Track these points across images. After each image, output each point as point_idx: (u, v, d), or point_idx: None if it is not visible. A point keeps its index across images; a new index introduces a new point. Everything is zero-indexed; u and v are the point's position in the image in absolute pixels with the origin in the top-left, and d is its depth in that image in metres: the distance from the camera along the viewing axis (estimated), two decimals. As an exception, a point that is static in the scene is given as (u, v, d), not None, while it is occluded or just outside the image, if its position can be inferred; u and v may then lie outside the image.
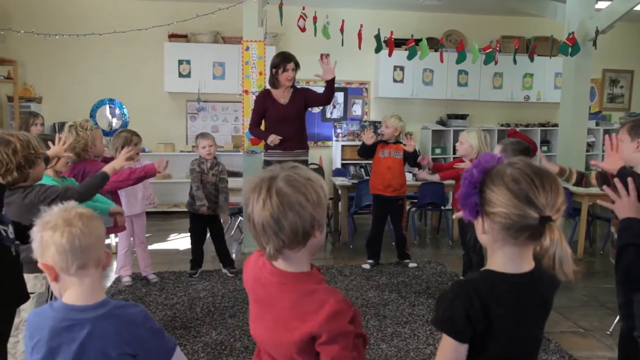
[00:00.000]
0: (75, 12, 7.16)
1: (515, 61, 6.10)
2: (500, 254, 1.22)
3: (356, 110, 8.05)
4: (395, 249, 5.13)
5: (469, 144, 4.18)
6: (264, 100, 4.61)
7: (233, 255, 5.01)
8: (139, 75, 7.38)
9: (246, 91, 5.33)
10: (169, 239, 6.07)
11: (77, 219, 1.32)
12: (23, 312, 2.28)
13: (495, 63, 6.04)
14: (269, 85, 4.66)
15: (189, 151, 7.15)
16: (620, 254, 1.56)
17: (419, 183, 5.88)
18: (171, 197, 7.25)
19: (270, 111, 4.59)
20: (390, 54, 5.80)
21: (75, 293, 1.36)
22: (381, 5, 7.60)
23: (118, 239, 4.30)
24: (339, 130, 7.71)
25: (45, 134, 4.58)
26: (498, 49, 6.04)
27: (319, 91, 4.71)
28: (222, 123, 7.75)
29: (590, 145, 8.00)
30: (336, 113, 7.95)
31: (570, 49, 5.78)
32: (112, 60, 7.30)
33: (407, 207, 5.51)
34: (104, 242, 1.42)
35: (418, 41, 5.85)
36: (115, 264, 4.44)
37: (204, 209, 4.37)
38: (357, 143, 7.48)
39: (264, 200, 1.15)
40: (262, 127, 4.70)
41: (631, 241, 1.54)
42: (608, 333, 3.54)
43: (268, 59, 4.92)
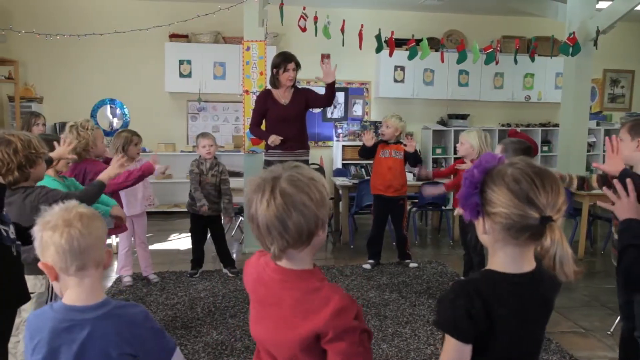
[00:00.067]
0: (76, 12, 7.16)
1: (516, 61, 6.09)
2: (501, 254, 1.22)
3: (357, 110, 8.05)
4: (396, 249, 5.14)
5: (469, 144, 4.17)
6: (264, 100, 4.61)
7: (234, 255, 5.02)
8: (140, 75, 7.38)
9: (247, 91, 5.33)
10: (169, 239, 6.07)
11: (77, 220, 1.32)
12: (24, 312, 2.28)
13: (496, 63, 6.03)
14: (269, 85, 4.66)
15: (190, 151, 7.15)
16: (621, 256, 1.56)
17: (420, 183, 5.87)
18: (172, 197, 7.26)
19: (271, 111, 4.58)
20: (390, 54, 5.79)
21: (75, 293, 1.36)
22: (382, 5, 7.60)
23: (119, 239, 4.31)
24: (339, 130, 7.71)
25: (46, 134, 4.58)
26: (499, 49, 6.04)
27: (320, 92, 4.71)
28: (223, 123, 7.75)
29: (591, 146, 7.99)
30: (337, 113, 7.95)
31: (571, 49, 5.77)
32: (113, 60, 7.30)
33: (408, 207, 5.51)
34: (105, 242, 1.41)
35: (419, 41, 5.84)
36: (116, 264, 4.44)
37: (205, 208, 4.37)
38: (358, 143, 7.49)
39: (268, 201, 1.15)
40: (263, 127, 4.71)
41: (631, 242, 1.54)
42: (609, 333, 3.54)
43: (269, 59, 4.92)
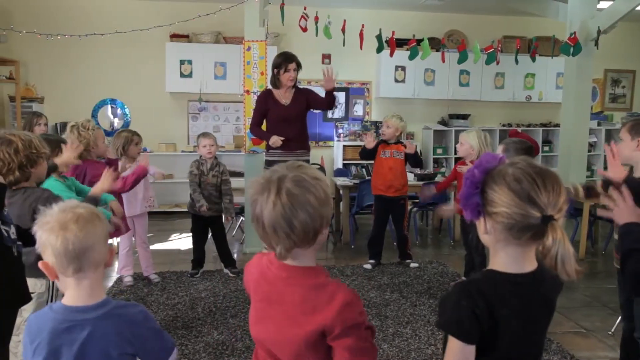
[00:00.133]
0: (77, 13, 7.17)
1: (517, 61, 6.09)
2: (502, 254, 1.22)
3: (358, 110, 8.05)
4: (396, 249, 5.14)
5: (469, 145, 4.17)
6: (265, 100, 4.61)
7: (234, 255, 5.01)
8: (141, 75, 7.39)
9: (247, 91, 5.33)
10: (170, 239, 6.07)
11: (73, 223, 1.30)
12: (24, 312, 2.28)
13: (497, 63, 6.03)
14: (270, 86, 4.66)
15: (191, 151, 7.16)
16: (625, 260, 1.56)
17: (421, 183, 5.87)
18: (172, 197, 7.26)
19: (271, 111, 4.58)
20: (391, 54, 5.80)
21: (74, 294, 1.36)
22: (382, 5, 7.60)
23: (120, 239, 4.31)
24: (340, 131, 7.71)
25: (48, 133, 4.59)
26: (500, 49, 6.05)
27: (319, 92, 4.71)
28: (224, 123, 7.75)
29: (592, 146, 7.98)
30: (338, 113, 7.94)
31: (572, 49, 5.77)
32: (114, 61, 7.31)
33: (409, 207, 5.51)
34: (106, 242, 1.39)
35: (419, 41, 5.84)
36: (116, 264, 4.44)
37: (204, 209, 4.36)
38: (359, 143, 7.49)
39: (274, 201, 1.15)
40: (264, 128, 4.71)
41: (634, 246, 1.54)
42: (610, 333, 3.53)
43: (269, 59, 4.92)
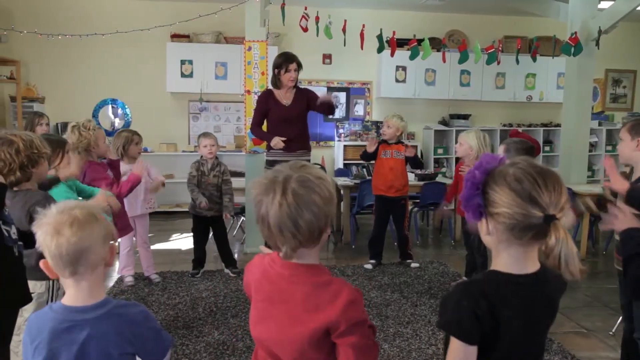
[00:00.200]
0: (77, 13, 7.17)
1: (517, 61, 6.09)
2: (504, 255, 1.22)
3: (358, 110, 8.05)
4: (397, 249, 5.14)
5: (468, 145, 4.19)
6: (266, 101, 4.60)
7: (235, 255, 5.01)
8: (142, 75, 7.39)
9: (248, 91, 5.33)
10: (171, 239, 6.08)
11: (67, 227, 1.29)
12: (25, 312, 2.28)
13: (498, 63, 6.03)
14: (271, 86, 4.65)
15: (191, 151, 7.16)
16: (627, 265, 1.57)
17: (421, 183, 5.88)
18: (173, 197, 7.26)
19: (272, 112, 4.57)
20: (392, 54, 5.80)
21: (74, 294, 1.36)
22: (383, 5, 7.60)
23: (121, 239, 4.31)
24: (341, 131, 7.71)
25: (49, 133, 4.59)
26: (500, 49, 6.05)
27: (320, 92, 4.71)
28: (225, 123, 7.75)
29: (593, 146, 7.98)
30: (338, 113, 7.93)
31: (572, 49, 5.77)
32: (115, 61, 7.31)
33: (410, 207, 5.51)
34: (106, 243, 1.38)
35: (420, 41, 5.85)
36: (117, 264, 4.44)
37: (204, 204, 4.35)
38: (360, 143, 7.51)
39: (279, 202, 1.16)
40: (264, 128, 4.71)
41: (635, 251, 1.55)
42: (611, 334, 3.53)
43: (270, 59, 4.92)
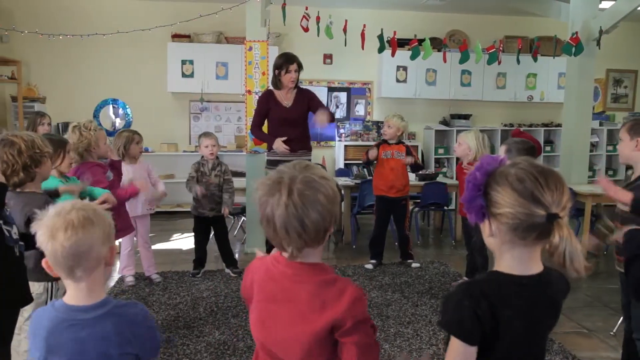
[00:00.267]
0: (78, 13, 7.18)
1: (518, 61, 6.09)
2: (508, 256, 1.22)
3: (359, 110, 8.05)
4: (398, 249, 5.14)
5: (466, 145, 4.21)
6: (266, 101, 4.58)
7: (236, 255, 5.01)
8: (142, 75, 7.39)
9: (249, 91, 5.33)
10: (172, 238, 6.08)
11: (62, 232, 1.27)
12: (25, 312, 2.28)
13: (499, 63, 6.03)
14: (271, 86, 4.65)
15: (192, 151, 7.17)
16: (628, 265, 1.57)
17: (422, 183, 5.88)
18: (174, 197, 7.25)
19: (273, 113, 4.55)
20: (393, 54, 5.80)
21: (74, 293, 1.36)
22: (384, 5, 7.59)
23: (122, 240, 4.31)
24: (341, 131, 7.71)
25: (50, 133, 4.58)
26: (501, 48, 6.04)
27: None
28: (225, 123, 7.75)
29: (594, 146, 7.98)
30: (339, 113, 7.94)
31: (573, 49, 5.76)
32: (116, 61, 7.31)
33: (410, 207, 5.50)
34: (103, 244, 1.35)
35: (421, 41, 5.85)
36: (118, 264, 4.45)
37: (199, 191, 4.34)
38: (360, 143, 7.52)
39: (286, 203, 1.16)
40: (265, 128, 4.70)
41: (638, 252, 1.55)
42: (612, 334, 3.53)
43: (271, 59, 4.92)
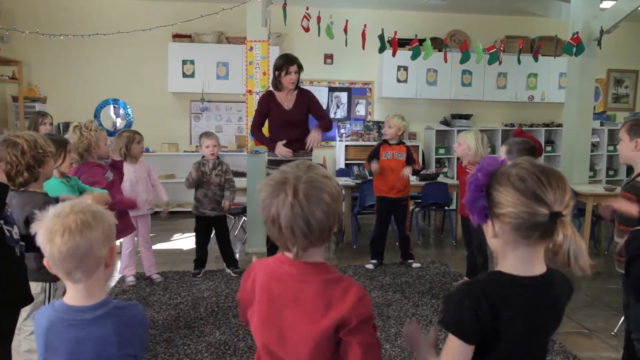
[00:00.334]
0: (79, 13, 7.18)
1: (519, 61, 6.08)
2: (511, 256, 1.21)
3: (360, 110, 8.04)
4: (398, 249, 5.13)
5: (466, 145, 4.21)
6: (267, 103, 4.55)
7: (237, 255, 5.01)
8: (143, 75, 7.39)
9: (250, 91, 5.33)
10: (172, 238, 6.08)
11: (59, 236, 1.26)
12: (23, 313, 2.28)
13: (500, 63, 6.02)
14: (272, 87, 4.63)
15: (193, 151, 7.17)
16: (629, 265, 1.57)
17: (423, 183, 5.88)
18: (175, 197, 7.25)
19: (274, 115, 4.53)
20: (394, 54, 5.79)
21: (73, 294, 1.36)
22: (385, 5, 7.59)
23: (122, 240, 4.31)
24: (342, 131, 7.71)
25: (52, 133, 4.59)
26: (502, 48, 6.03)
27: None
28: (226, 123, 7.75)
29: (594, 146, 7.97)
30: (340, 113, 7.94)
31: (574, 49, 5.76)
32: (116, 61, 7.31)
33: (411, 207, 5.50)
34: (102, 246, 1.33)
35: (422, 41, 5.84)
36: (119, 264, 4.45)
37: (194, 174, 4.37)
38: (361, 143, 7.53)
39: (291, 203, 1.17)
40: (265, 129, 4.69)
41: (638, 252, 1.55)
42: (613, 334, 3.53)
43: (272, 59, 4.91)
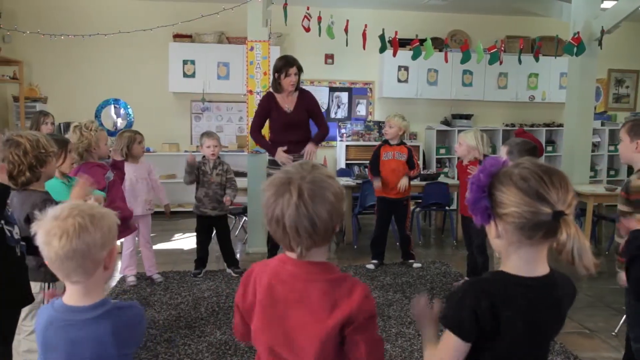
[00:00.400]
0: (80, 13, 7.18)
1: (520, 61, 6.08)
2: (514, 257, 1.21)
3: (360, 110, 8.04)
4: (399, 249, 5.13)
5: (466, 145, 4.22)
6: (267, 105, 4.53)
7: (237, 255, 5.01)
8: (144, 75, 7.39)
9: (250, 91, 5.33)
10: (173, 238, 6.08)
11: (57, 239, 1.25)
12: (22, 312, 2.28)
13: (500, 63, 6.02)
14: (272, 89, 4.61)
15: (194, 151, 7.14)
16: (629, 265, 1.57)
17: (424, 183, 5.88)
18: (175, 197, 7.26)
19: (274, 118, 4.52)
20: (394, 54, 5.79)
21: (72, 294, 1.36)
22: (385, 5, 7.59)
23: (123, 239, 4.31)
24: (343, 131, 7.70)
25: (53, 133, 4.59)
26: (503, 48, 6.03)
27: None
28: (227, 123, 7.76)
29: (595, 146, 7.97)
30: (340, 113, 7.94)
31: (575, 49, 5.76)
32: (117, 61, 7.32)
33: (412, 208, 5.50)
34: (102, 248, 1.32)
35: (422, 41, 5.84)
36: (119, 264, 4.45)
37: (191, 158, 4.38)
38: (362, 143, 7.52)
39: (296, 203, 1.17)
40: (265, 130, 4.68)
41: (638, 253, 1.55)
42: (614, 334, 3.52)
43: (272, 59, 4.91)
